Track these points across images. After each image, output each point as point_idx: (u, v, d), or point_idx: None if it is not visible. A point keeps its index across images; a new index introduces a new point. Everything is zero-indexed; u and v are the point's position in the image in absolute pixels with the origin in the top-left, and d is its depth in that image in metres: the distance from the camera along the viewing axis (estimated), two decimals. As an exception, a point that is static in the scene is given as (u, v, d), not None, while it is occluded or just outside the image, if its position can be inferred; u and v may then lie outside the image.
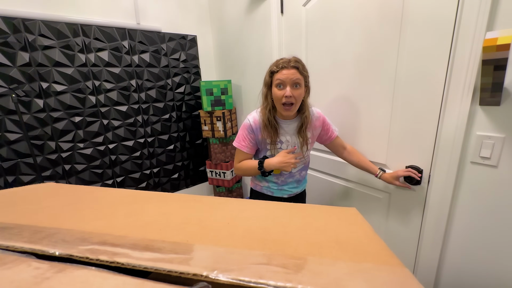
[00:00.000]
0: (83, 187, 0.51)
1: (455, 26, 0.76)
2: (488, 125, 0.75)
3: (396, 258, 0.26)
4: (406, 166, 0.98)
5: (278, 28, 1.41)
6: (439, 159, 0.87)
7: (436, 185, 0.90)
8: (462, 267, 0.89)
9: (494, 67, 0.61)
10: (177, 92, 1.96)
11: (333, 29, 1.13)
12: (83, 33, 1.50)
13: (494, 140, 0.74)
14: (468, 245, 0.86)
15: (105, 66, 1.60)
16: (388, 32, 0.93)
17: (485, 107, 0.74)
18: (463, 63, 0.76)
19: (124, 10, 1.63)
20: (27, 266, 0.22)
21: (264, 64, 1.58)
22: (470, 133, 0.79)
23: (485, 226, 0.81)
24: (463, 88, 0.77)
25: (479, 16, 0.70)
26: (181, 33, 1.90)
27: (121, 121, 1.73)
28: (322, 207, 0.41)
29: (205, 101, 1.79)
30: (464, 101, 0.77)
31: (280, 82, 0.88)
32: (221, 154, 1.96)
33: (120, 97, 1.70)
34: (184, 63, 1.95)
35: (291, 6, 1.32)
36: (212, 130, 1.86)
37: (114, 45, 1.62)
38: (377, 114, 1.04)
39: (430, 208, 0.93)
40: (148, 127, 1.87)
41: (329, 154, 1.29)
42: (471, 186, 0.82)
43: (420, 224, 0.99)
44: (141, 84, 1.77)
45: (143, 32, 1.71)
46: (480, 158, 0.78)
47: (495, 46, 0.57)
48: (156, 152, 1.94)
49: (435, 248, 0.94)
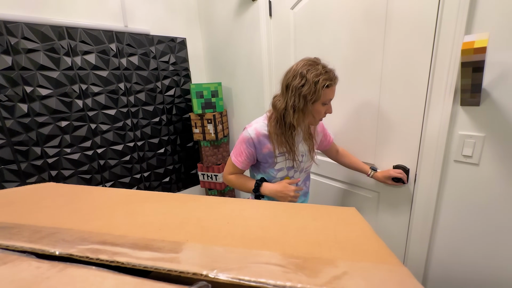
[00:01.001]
0: (82, 187, 0.51)
1: (436, 29, 0.79)
2: (469, 125, 0.78)
3: (395, 257, 0.26)
4: (394, 165, 1.01)
5: (267, 31, 1.42)
6: (424, 158, 0.90)
7: (422, 183, 0.93)
8: (449, 260, 0.92)
9: (473, 69, 0.64)
10: (167, 95, 1.94)
11: (321, 32, 1.15)
12: (69, 36, 1.47)
13: (475, 139, 0.77)
14: (453, 240, 0.89)
15: (92, 69, 1.57)
16: (373, 35, 0.96)
17: (466, 107, 0.77)
18: (444, 65, 0.78)
19: (111, 13, 1.61)
20: (27, 266, 0.22)
21: (254, 67, 1.59)
22: (452, 132, 0.82)
23: (469, 222, 0.83)
24: (445, 89, 0.80)
25: (458, 20, 0.73)
26: (170, 35, 1.89)
27: (109, 125, 1.70)
28: (322, 206, 0.42)
29: (195, 103, 1.78)
30: (446, 101, 0.80)
31: (329, 101, 0.81)
32: (212, 157, 1.95)
33: (108, 101, 1.67)
34: (174, 66, 1.94)
35: (279, 9, 1.34)
36: (203, 133, 1.85)
37: (101, 48, 1.59)
38: (365, 115, 1.07)
39: (417, 206, 0.96)
40: (138, 131, 1.84)
41: (318, 154, 1.31)
42: (455, 184, 0.85)
43: (408, 221, 1.02)
44: (130, 87, 1.75)
45: (131, 34, 1.69)
46: (462, 156, 0.81)
47: (473, 49, 0.59)
48: (146, 156, 1.92)
49: (423, 244, 0.97)
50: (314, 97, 0.75)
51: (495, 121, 0.72)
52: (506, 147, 0.72)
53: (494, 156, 0.74)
